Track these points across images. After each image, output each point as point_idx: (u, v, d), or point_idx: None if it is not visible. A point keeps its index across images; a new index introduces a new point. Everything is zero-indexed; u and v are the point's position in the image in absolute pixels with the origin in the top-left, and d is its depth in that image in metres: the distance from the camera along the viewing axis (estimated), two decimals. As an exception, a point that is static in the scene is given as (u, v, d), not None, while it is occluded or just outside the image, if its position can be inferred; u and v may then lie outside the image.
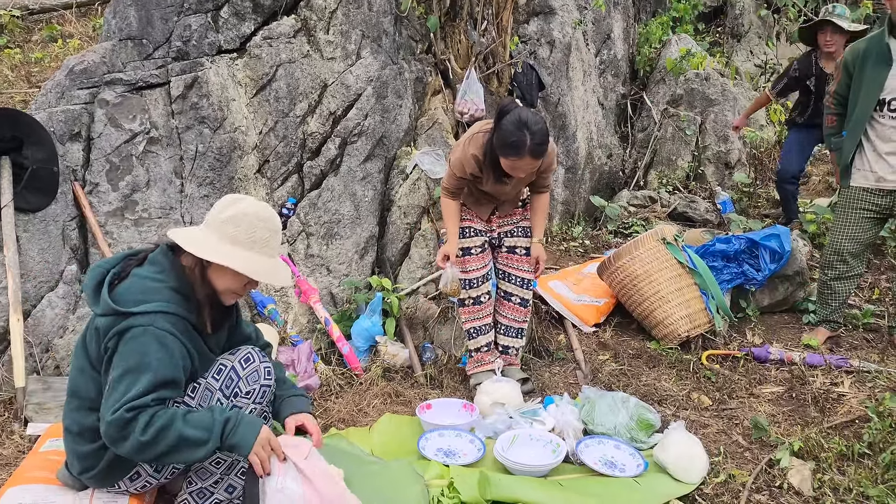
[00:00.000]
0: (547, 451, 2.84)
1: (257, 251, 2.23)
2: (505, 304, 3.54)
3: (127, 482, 2.24)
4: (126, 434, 2.00)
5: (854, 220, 3.80)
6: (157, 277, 2.17)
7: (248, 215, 2.22)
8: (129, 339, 2.05)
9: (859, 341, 4.06)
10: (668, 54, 7.15)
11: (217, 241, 2.19)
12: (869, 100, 3.63)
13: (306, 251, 3.96)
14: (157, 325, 2.07)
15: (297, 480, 2.10)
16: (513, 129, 3.02)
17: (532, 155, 3.03)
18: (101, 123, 3.55)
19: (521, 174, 3.17)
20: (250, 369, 2.29)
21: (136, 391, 2.02)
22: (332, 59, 4.13)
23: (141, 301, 2.09)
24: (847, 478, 2.70)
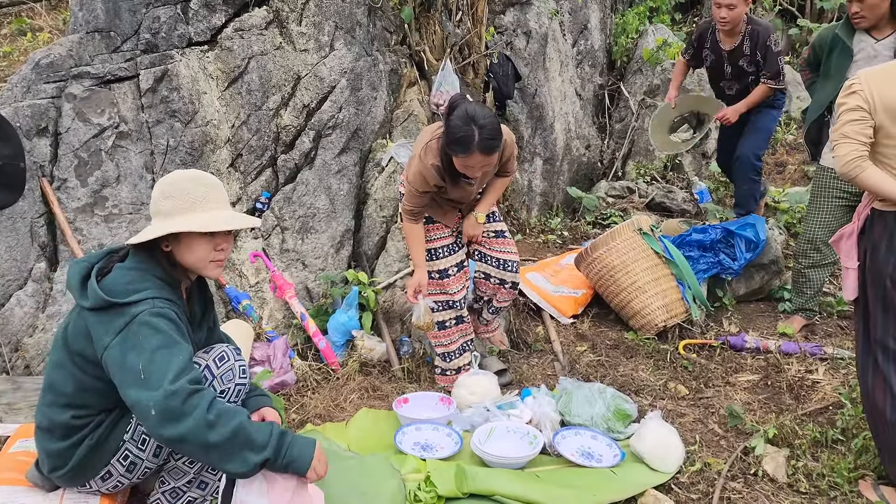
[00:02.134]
0: (524, 443, 2.83)
1: (202, 210, 2.15)
2: (486, 283, 3.48)
3: (98, 482, 2.20)
4: (190, 408, 1.88)
5: (827, 209, 3.84)
6: (140, 267, 2.13)
7: (174, 182, 2.16)
8: (140, 327, 1.98)
9: (833, 329, 4.10)
10: (644, 44, 7.15)
11: (161, 221, 2.14)
12: (836, 86, 3.69)
13: (281, 246, 3.92)
14: (158, 307, 2.02)
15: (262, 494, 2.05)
16: (460, 124, 2.86)
17: (482, 150, 2.86)
18: (68, 118, 3.48)
19: (476, 173, 3.00)
20: (225, 368, 2.25)
21: (180, 363, 1.94)
22: (305, 50, 4.08)
23: (132, 291, 2.04)
24: (820, 464, 2.72)
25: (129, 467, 2.20)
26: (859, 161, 2.37)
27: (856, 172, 2.37)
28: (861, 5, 3.53)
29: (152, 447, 2.19)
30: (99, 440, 2.14)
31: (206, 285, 2.43)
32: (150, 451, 2.20)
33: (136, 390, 1.92)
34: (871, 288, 2.45)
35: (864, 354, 2.49)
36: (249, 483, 2.02)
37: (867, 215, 2.48)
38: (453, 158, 2.97)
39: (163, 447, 2.21)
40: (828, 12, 8.51)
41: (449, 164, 3.02)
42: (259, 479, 2.03)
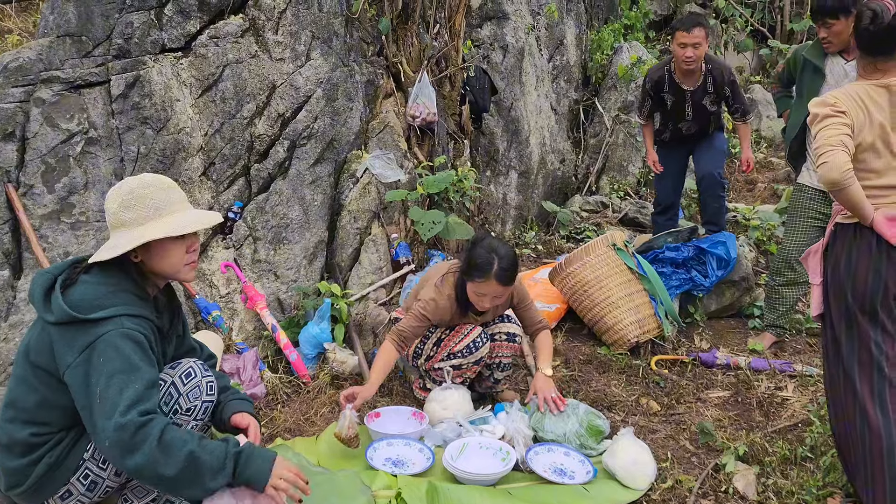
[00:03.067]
0: (496, 459, 2.81)
1: (166, 214, 2.12)
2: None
3: (58, 501, 2.13)
4: (139, 441, 1.85)
5: (802, 228, 3.89)
6: (109, 282, 2.07)
7: (132, 192, 2.11)
8: (104, 347, 1.94)
9: (802, 346, 4.15)
10: (619, 61, 7.23)
11: (127, 231, 2.09)
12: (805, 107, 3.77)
13: (253, 256, 3.87)
14: (126, 327, 1.97)
15: None
16: (482, 252, 3.01)
17: (498, 279, 2.97)
18: (36, 123, 3.40)
19: (486, 303, 3.08)
20: (191, 384, 2.20)
21: (135, 392, 1.89)
22: (280, 59, 4.05)
23: (98, 307, 1.98)
24: (790, 481, 2.74)
25: (90, 486, 2.14)
26: (852, 172, 2.30)
27: (849, 183, 2.29)
28: (828, 31, 3.65)
29: (114, 467, 2.13)
30: (58, 458, 2.08)
31: (174, 293, 2.38)
32: (112, 469, 2.14)
33: (93, 416, 1.91)
34: (834, 303, 2.47)
35: (832, 368, 2.50)
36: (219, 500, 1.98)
37: (831, 230, 2.51)
38: (468, 285, 3.08)
39: None
40: (798, 33, 8.69)
41: (462, 294, 3.14)
42: (227, 496, 1.99)
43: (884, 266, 2.35)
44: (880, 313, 2.38)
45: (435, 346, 3.28)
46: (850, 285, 2.40)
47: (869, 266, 2.37)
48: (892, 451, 2.31)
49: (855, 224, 2.41)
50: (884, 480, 2.31)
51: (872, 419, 2.34)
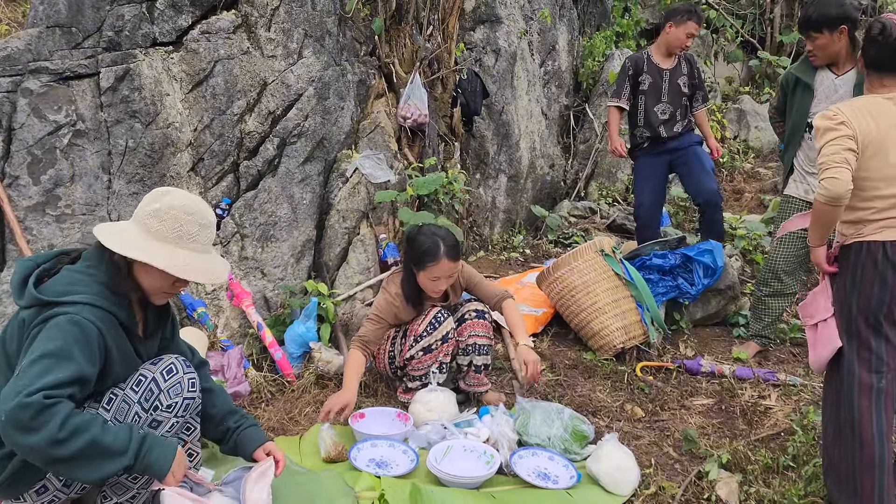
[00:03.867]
0: (480, 462, 2.80)
1: (184, 247, 2.13)
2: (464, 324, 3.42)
3: (33, 495, 2.10)
4: (39, 424, 1.82)
5: (790, 240, 3.92)
6: (88, 272, 2.07)
7: (173, 209, 2.12)
8: (52, 326, 1.93)
9: (786, 355, 4.17)
10: (610, 68, 7.26)
11: (142, 237, 2.10)
12: (799, 122, 3.84)
13: (240, 253, 3.84)
14: (83, 315, 1.96)
15: None
16: (424, 239, 3.15)
17: (448, 256, 3.11)
18: (23, 113, 3.37)
19: (441, 286, 3.19)
20: (172, 381, 2.18)
21: (55, 379, 1.87)
22: (272, 56, 4.03)
23: (67, 292, 1.99)
24: (772, 490, 2.74)
25: (67, 482, 2.11)
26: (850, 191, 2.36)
27: (845, 202, 2.36)
28: (812, 45, 3.69)
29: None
30: None
31: None
32: None
33: (7, 385, 1.88)
34: (839, 316, 2.50)
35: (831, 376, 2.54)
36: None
37: (834, 255, 2.55)
38: (420, 276, 3.17)
39: None
40: (787, 45, 8.75)
41: (409, 289, 3.24)
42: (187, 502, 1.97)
43: (889, 279, 2.39)
44: (884, 325, 2.42)
45: (402, 338, 3.32)
46: (854, 297, 2.44)
47: (874, 279, 2.40)
48: (883, 464, 2.34)
49: (861, 242, 2.44)
50: (872, 492, 2.34)
51: (866, 431, 2.37)
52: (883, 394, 2.41)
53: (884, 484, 2.36)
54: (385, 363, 3.42)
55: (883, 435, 2.36)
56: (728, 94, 8.89)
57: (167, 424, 2.17)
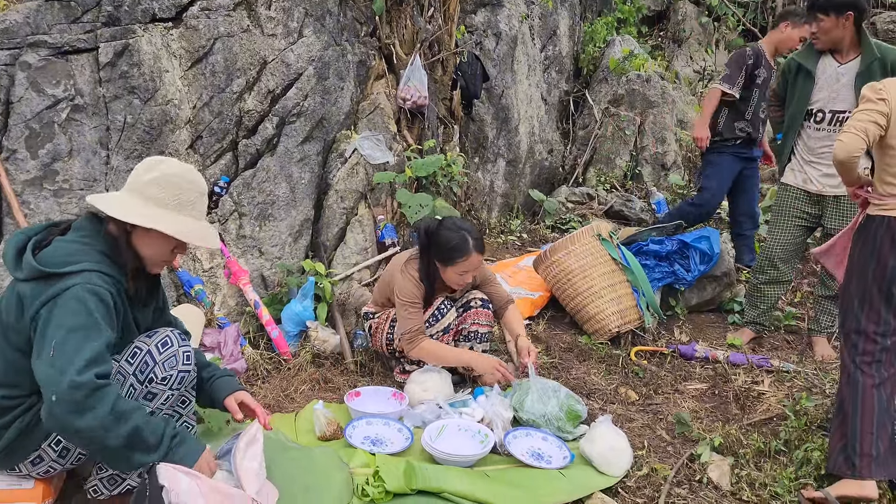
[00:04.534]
0: (475, 441, 2.82)
1: (185, 214, 2.14)
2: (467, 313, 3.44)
3: (28, 466, 2.11)
4: (92, 404, 1.83)
5: (786, 228, 3.93)
6: (84, 241, 2.06)
7: (174, 176, 2.13)
8: (69, 298, 1.91)
9: (780, 342, 4.20)
10: (611, 54, 7.24)
11: (141, 204, 2.09)
12: (799, 109, 3.83)
13: (238, 232, 3.84)
14: (94, 283, 1.95)
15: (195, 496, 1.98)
16: (451, 234, 3.14)
17: (477, 250, 3.13)
18: (21, 87, 3.35)
19: (468, 279, 3.21)
20: (167, 353, 2.18)
21: (93, 352, 1.87)
22: (272, 35, 4.01)
23: (69, 262, 1.97)
24: (763, 473, 2.77)
25: (62, 453, 2.12)
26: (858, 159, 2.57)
27: (851, 166, 2.60)
28: (817, 27, 3.69)
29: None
30: (29, 424, 2.06)
31: None
32: None
33: (44, 366, 1.87)
34: (856, 280, 2.68)
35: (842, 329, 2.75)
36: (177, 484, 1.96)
37: (861, 221, 2.72)
38: (448, 270, 3.16)
39: None
40: (788, 35, 8.72)
41: (426, 278, 3.23)
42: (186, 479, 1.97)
43: None
44: (895, 295, 2.61)
45: None
46: (871, 266, 2.62)
47: (891, 253, 2.58)
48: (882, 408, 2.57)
49: (883, 216, 2.61)
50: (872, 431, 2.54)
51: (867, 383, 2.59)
52: (885, 352, 2.63)
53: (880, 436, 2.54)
54: (383, 343, 3.43)
55: (883, 390, 2.59)
56: (728, 82, 8.86)
57: (162, 397, 2.18)
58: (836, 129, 3.73)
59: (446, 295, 3.40)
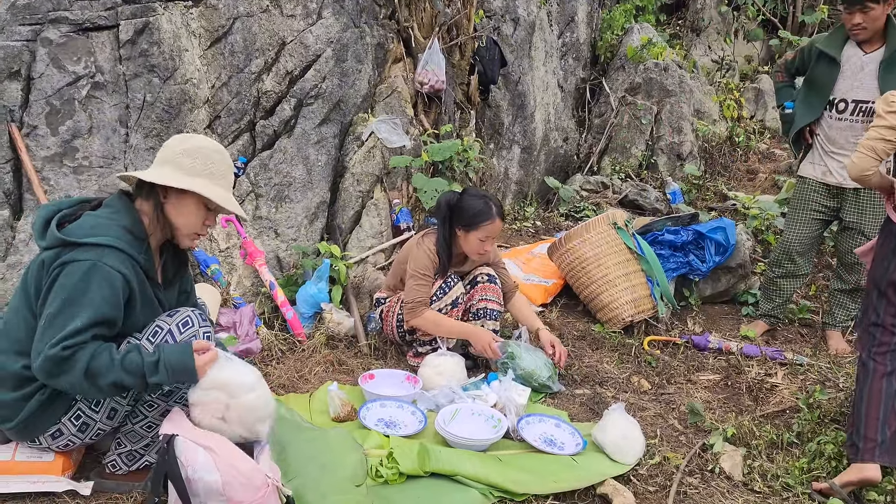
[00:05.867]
0: (488, 426, 2.84)
1: (216, 183, 2.19)
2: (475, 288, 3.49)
3: (48, 439, 2.14)
4: (63, 371, 1.93)
5: (804, 220, 3.91)
6: (110, 216, 2.11)
7: (204, 148, 2.20)
8: (72, 270, 1.98)
9: (794, 335, 4.18)
10: (629, 42, 7.18)
11: (178, 174, 2.15)
12: (821, 98, 3.75)
13: (254, 212, 3.85)
14: (104, 260, 2.00)
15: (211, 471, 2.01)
16: (474, 201, 3.25)
17: (499, 216, 3.25)
18: (42, 63, 3.36)
19: (488, 246, 3.28)
20: (188, 334, 2.18)
21: (75, 326, 1.94)
22: (291, 16, 4.00)
23: (90, 234, 2.02)
24: (775, 465, 2.77)
25: (82, 427, 2.15)
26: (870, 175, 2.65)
27: (866, 183, 2.70)
28: (864, 17, 3.53)
29: (106, 409, 2.14)
30: (51, 395, 2.09)
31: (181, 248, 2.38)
32: (104, 413, 2.15)
33: (38, 332, 1.98)
34: (877, 276, 2.71)
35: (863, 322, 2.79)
36: (194, 459, 1.98)
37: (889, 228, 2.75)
38: (471, 235, 3.24)
39: (118, 410, 2.16)
40: (809, 25, 8.64)
41: (442, 249, 3.30)
42: (203, 452, 1.99)
43: None
44: None
45: None
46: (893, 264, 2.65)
47: None
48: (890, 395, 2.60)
49: None
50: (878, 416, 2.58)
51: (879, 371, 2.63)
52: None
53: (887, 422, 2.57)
54: (393, 326, 3.45)
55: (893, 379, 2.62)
56: (746, 73, 8.80)
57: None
58: (858, 119, 3.67)
59: (454, 271, 3.42)
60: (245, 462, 2.05)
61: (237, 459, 2.04)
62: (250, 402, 2.15)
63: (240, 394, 2.12)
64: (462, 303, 3.36)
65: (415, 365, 3.39)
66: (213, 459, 2.01)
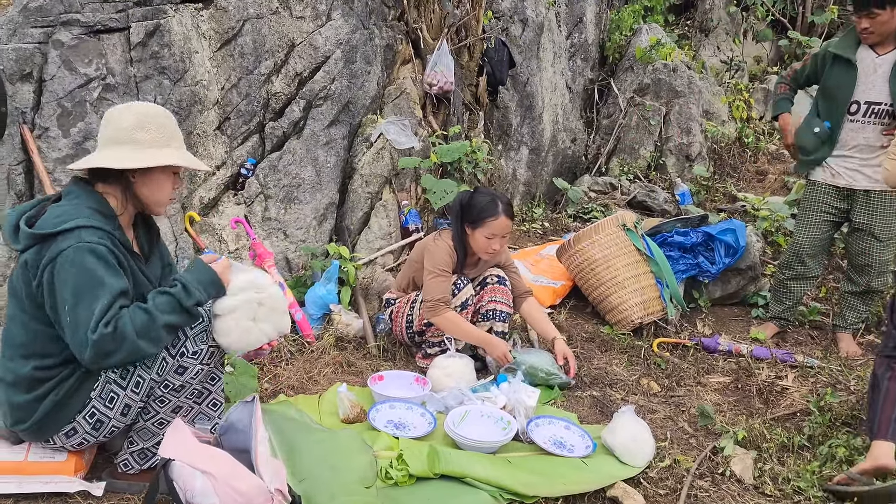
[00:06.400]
0: (497, 428, 2.83)
1: (175, 147, 2.23)
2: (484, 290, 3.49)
3: (63, 438, 2.15)
4: (117, 344, 1.97)
5: (814, 223, 3.89)
6: (74, 202, 2.11)
7: (155, 116, 2.20)
8: (64, 262, 1.99)
9: (804, 337, 4.16)
10: (637, 42, 7.17)
11: (141, 151, 2.15)
12: (841, 102, 3.70)
13: (263, 214, 3.86)
14: (85, 240, 2.00)
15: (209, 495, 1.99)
16: (482, 198, 3.26)
17: (506, 214, 3.23)
18: (54, 65, 3.38)
19: (496, 245, 3.26)
20: (199, 328, 2.20)
21: (101, 306, 1.97)
22: (301, 17, 4.01)
23: (60, 223, 2.03)
24: (786, 468, 2.76)
25: (96, 425, 2.16)
26: None
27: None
28: (871, 22, 3.52)
29: (120, 406, 2.15)
30: (64, 396, 2.10)
31: (151, 219, 2.41)
32: (118, 410, 2.15)
33: (69, 335, 2.00)
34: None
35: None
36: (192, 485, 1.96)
37: None
38: (477, 233, 3.25)
39: (131, 406, 2.17)
40: (818, 26, 8.60)
41: (458, 245, 3.32)
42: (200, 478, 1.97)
43: None
44: None
45: (421, 303, 3.34)
46: None
47: None
48: None
49: None
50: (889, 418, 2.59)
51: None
52: None
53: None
54: (402, 327, 3.45)
55: None
56: (755, 73, 8.76)
57: (192, 371, 2.20)
58: (869, 121, 3.65)
59: (466, 273, 3.42)
60: (244, 481, 1.99)
61: (236, 480, 1.98)
62: (277, 293, 2.27)
63: (266, 287, 2.24)
64: (472, 304, 3.36)
65: (424, 366, 3.39)
66: (211, 484, 1.97)
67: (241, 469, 2.03)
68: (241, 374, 2.93)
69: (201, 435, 2.17)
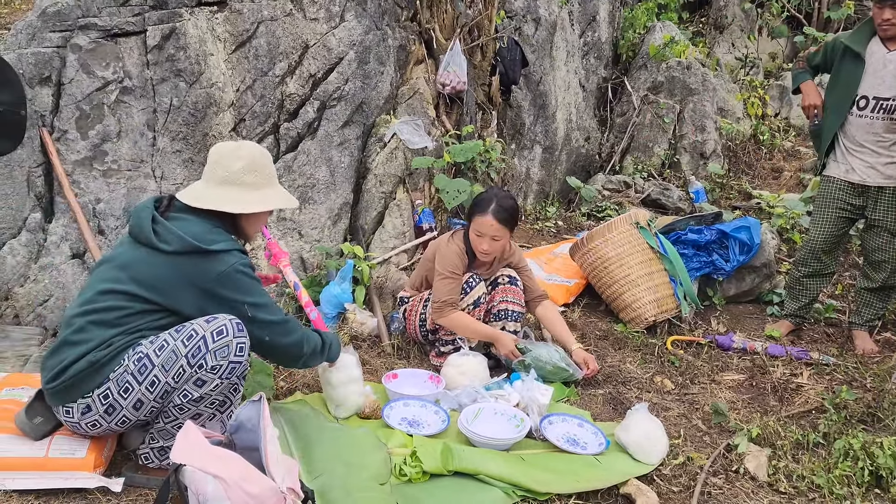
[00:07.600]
0: (511, 425, 2.85)
1: (274, 186, 2.48)
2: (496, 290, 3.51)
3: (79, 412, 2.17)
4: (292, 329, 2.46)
5: (830, 219, 3.87)
6: (204, 222, 2.31)
7: (259, 157, 2.42)
8: (238, 276, 2.27)
9: (820, 335, 4.14)
10: (651, 40, 7.16)
11: (245, 192, 2.38)
12: (846, 96, 3.70)
13: (278, 214, 3.90)
14: (244, 260, 2.31)
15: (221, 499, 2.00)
16: (486, 195, 3.32)
17: (494, 214, 3.20)
18: (72, 69, 3.43)
19: (484, 245, 3.26)
20: (221, 343, 2.18)
21: (279, 311, 2.42)
22: (314, 19, 4.05)
23: (215, 241, 2.25)
24: (801, 466, 2.75)
25: (108, 409, 2.17)
26: None
27: None
28: (893, 13, 3.49)
29: (133, 399, 2.16)
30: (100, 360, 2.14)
31: None
32: (131, 402, 2.16)
33: (257, 332, 2.33)
34: None
35: None
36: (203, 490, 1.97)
37: None
38: (470, 226, 3.30)
39: (144, 402, 2.18)
40: (834, 22, 8.54)
41: (468, 245, 3.35)
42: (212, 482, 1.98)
43: None
44: None
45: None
46: None
47: None
48: None
49: None
50: None
51: None
52: None
53: None
54: (416, 326, 3.47)
55: None
56: (771, 70, 8.71)
57: (210, 384, 2.20)
58: (878, 116, 3.64)
59: (478, 272, 3.44)
60: (255, 484, 1.98)
61: (247, 483, 1.97)
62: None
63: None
64: (483, 303, 3.37)
65: (438, 364, 3.41)
66: (222, 488, 1.98)
67: (253, 471, 2.02)
68: (258, 373, 2.95)
69: (213, 434, 2.17)
